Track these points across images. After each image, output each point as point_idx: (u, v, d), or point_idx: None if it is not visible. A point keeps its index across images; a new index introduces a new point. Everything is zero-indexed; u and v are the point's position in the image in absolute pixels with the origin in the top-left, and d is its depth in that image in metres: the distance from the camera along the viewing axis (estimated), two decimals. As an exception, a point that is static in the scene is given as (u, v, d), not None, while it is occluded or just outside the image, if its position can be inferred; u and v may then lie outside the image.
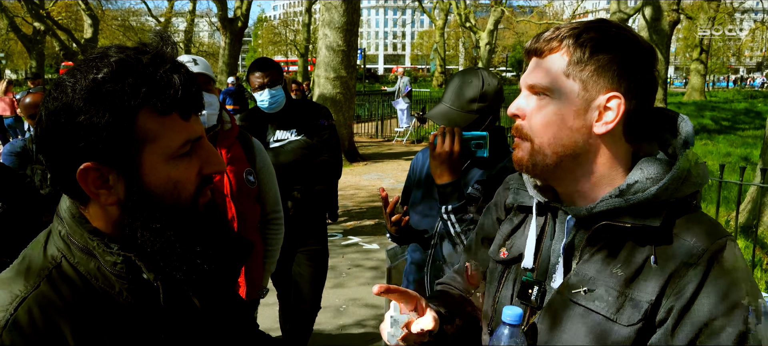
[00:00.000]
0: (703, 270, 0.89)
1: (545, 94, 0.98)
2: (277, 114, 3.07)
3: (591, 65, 0.95)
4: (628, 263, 0.94)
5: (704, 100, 29.02)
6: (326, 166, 3.10)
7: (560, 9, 47.64)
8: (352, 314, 4.45)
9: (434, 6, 39.23)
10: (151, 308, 0.89)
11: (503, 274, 1.15)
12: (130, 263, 0.88)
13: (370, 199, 8.46)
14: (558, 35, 0.98)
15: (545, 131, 0.99)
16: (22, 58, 42.87)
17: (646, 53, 0.97)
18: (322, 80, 10.63)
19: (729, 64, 57.87)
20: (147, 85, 0.82)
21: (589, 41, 0.95)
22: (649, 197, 0.93)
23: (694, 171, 0.97)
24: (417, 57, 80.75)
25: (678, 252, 0.91)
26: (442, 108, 1.90)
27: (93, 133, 0.80)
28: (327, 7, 10.47)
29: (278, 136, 3.12)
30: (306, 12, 31.93)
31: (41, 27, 25.34)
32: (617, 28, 0.97)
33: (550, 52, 0.98)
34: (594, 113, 0.96)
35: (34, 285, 0.84)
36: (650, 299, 0.91)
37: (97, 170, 0.83)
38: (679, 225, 0.94)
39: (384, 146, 14.31)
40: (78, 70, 0.83)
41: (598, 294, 0.95)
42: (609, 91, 0.95)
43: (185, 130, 0.87)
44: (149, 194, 0.85)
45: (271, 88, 2.97)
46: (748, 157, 11.73)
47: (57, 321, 0.81)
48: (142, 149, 0.83)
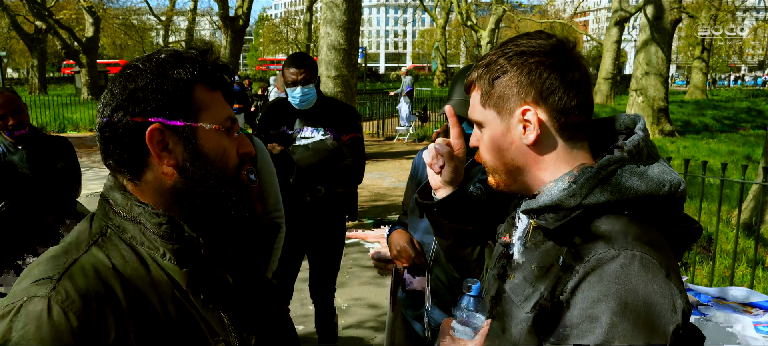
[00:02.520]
0: (583, 274, 0.92)
1: (479, 125, 1.11)
2: (307, 110, 3.09)
3: (496, 91, 1.06)
4: (544, 259, 1.03)
5: (706, 98, 29.00)
6: (349, 170, 3.15)
7: (561, 7, 47.61)
8: (353, 314, 4.45)
9: (436, 5, 39.20)
10: (193, 268, 0.97)
11: (500, 256, 1.26)
12: (173, 223, 0.97)
13: (371, 198, 8.46)
14: (472, 72, 1.11)
15: (490, 157, 1.11)
16: (24, 57, 42.94)
17: (547, 55, 1.02)
18: (323, 79, 10.63)
19: (731, 62, 57.78)
20: (200, 65, 0.99)
21: (490, 72, 1.06)
22: (549, 203, 1.00)
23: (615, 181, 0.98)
24: (418, 56, 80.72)
25: (573, 255, 0.96)
26: (457, 100, 1.91)
27: (162, 96, 0.95)
28: (328, 5, 10.46)
29: (305, 133, 3.15)
30: (307, 10, 31.95)
31: (43, 26, 25.36)
32: (515, 45, 1.05)
33: (473, 89, 1.12)
34: (518, 129, 1.05)
35: (84, 249, 0.93)
36: (543, 293, 0.98)
37: (161, 133, 0.95)
38: (588, 231, 0.98)
39: (385, 145, 14.31)
40: (144, 58, 0.99)
41: (517, 282, 1.06)
42: (520, 105, 1.03)
43: (227, 108, 1.03)
44: (204, 155, 0.98)
45: (304, 85, 3.00)
46: (750, 156, 11.72)
47: (107, 278, 0.90)
48: (198, 115, 0.98)
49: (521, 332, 1.00)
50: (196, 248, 0.98)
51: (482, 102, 1.08)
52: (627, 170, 0.99)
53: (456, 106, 1.90)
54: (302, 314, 4.23)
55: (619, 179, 0.98)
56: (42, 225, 2.82)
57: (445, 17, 38.78)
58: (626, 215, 0.98)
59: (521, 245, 1.13)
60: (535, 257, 1.05)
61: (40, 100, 18.83)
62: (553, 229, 0.99)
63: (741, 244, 5.68)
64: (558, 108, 1.02)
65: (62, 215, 2.90)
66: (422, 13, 71.47)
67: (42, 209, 2.86)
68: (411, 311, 2.11)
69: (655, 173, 1.00)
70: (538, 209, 1.02)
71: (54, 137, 3.10)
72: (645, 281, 0.89)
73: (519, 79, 1.03)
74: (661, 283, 0.89)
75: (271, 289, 1.20)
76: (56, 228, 2.83)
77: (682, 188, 1.01)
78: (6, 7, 25.49)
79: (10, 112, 2.80)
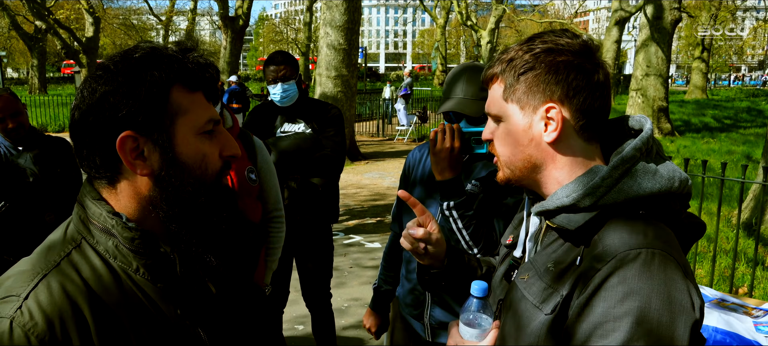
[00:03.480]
0: (606, 274, 0.91)
1: (497, 119, 1.11)
2: (288, 107, 3.11)
3: (521, 86, 1.05)
4: (561, 260, 1.02)
5: (706, 98, 28.99)
6: (326, 159, 3.10)
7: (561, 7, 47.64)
8: (353, 313, 4.45)
9: (435, 5, 39.20)
10: (167, 284, 0.94)
11: (505, 257, 1.27)
12: (146, 238, 0.93)
13: (371, 197, 8.46)
14: (493, 65, 1.10)
15: (505, 151, 1.11)
16: (23, 57, 42.94)
17: (574, 55, 1.02)
18: (323, 79, 10.62)
19: (731, 62, 57.77)
20: (178, 64, 0.92)
21: (517, 65, 1.05)
22: (567, 203, 1.00)
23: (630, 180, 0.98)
24: (418, 56, 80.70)
25: (593, 254, 0.96)
26: (455, 99, 1.90)
27: (133, 103, 0.88)
28: (328, 5, 10.46)
29: (285, 128, 3.15)
30: (307, 10, 31.94)
31: (43, 25, 25.35)
32: (543, 41, 1.05)
33: (492, 82, 1.11)
34: (540, 126, 1.05)
35: (54, 263, 0.89)
36: (563, 294, 0.97)
37: (135, 140, 0.90)
38: (608, 230, 0.97)
39: (385, 145, 14.31)
40: (117, 56, 0.93)
41: (532, 282, 1.05)
42: (545, 102, 1.03)
43: (209, 109, 0.96)
44: (181, 163, 0.93)
45: (284, 82, 3.02)
46: (750, 155, 11.72)
47: (75, 297, 0.86)
48: (175, 120, 0.92)
49: (539, 333, 0.99)
50: (171, 263, 0.94)
51: (505, 96, 1.08)
52: (640, 169, 1.00)
53: (457, 105, 1.90)
54: (302, 314, 4.22)
55: (633, 177, 0.99)
56: (42, 225, 2.82)
57: (445, 17, 38.78)
58: (641, 213, 0.98)
59: (533, 246, 1.13)
60: (550, 257, 1.05)
61: (40, 100, 18.83)
62: (573, 230, 0.99)
63: (741, 244, 5.68)
64: (582, 108, 1.03)
65: (62, 215, 2.91)
66: (422, 13, 71.45)
67: (42, 209, 2.86)
68: (410, 310, 2.11)
69: (666, 171, 1.01)
70: (554, 209, 1.02)
71: (53, 138, 3.10)
72: (665, 279, 0.89)
73: (546, 76, 1.03)
74: (679, 280, 0.90)
75: (259, 296, 1.16)
76: (55, 228, 2.83)
77: (689, 184, 1.02)
78: (6, 7, 25.48)
79: (8, 115, 2.80)
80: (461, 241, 1.84)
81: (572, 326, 0.94)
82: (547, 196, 1.10)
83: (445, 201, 1.82)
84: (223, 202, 0.99)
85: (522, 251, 1.18)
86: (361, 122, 16.63)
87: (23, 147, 2.89)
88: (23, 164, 2.83)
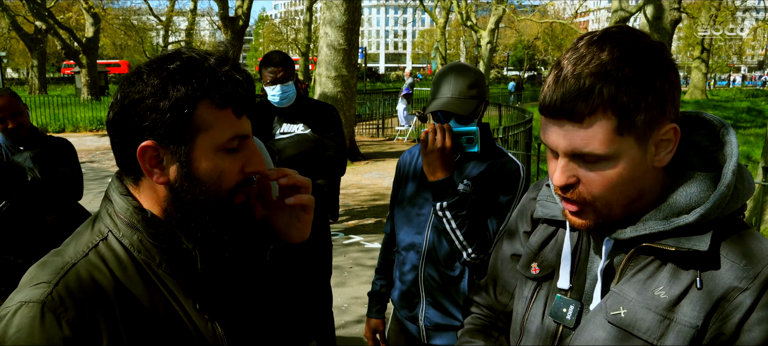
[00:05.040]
0: (756, 294, 0.82)
1: (602, 159, 0.88)
2: (286, 109, 3.10)
3: (641, 114, 0.84)
4: (672, 285, 0.88)
5: (706, 98, 28.99)
6: (330, 160, 3.11)
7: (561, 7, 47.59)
8: (353, 313, 4.46)
9: (435, 5, 39.20)
10: (187, 279, 0.97)
11: (534, 291, 1.10)
12: (170, 234, 0.96)
13: (371, 198, 8.46)
14: (592, 93, 0.84)
15: (612, 193, 0.90)
16: (23, 57, 42.93)
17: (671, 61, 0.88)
18: (323, 79, 10.63)
19: (730, 62, 57.79)
20: (210, 79, 0.92)
21: (630, 87, 0.83)
22: (693, 220, 0.87)
23: (740, 184, 0.90)
24: (418, 56, 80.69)
25: (726, 275, 0.85)
26: (444, 99, 1.90)
27: (157, 115, 0.90)
28: (328, 5, 10.46)
29: (285, 129, 3.14)
30: (307, 10, 31.92)
31: (43, 26, 25.35)
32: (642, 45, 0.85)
33: (591, 116, 0.85)
34: (652, 150, 0.89)
35: (82, 254, 0.93)
36: (696, 325, 0.85)
37: (154, 150, 0.92)
38: (727, 245, 0.87)
39: (385, 145, 14.31)
40: (155, 62, 0.94)
41: (638, 317, 0.89)
42: (663, 124, 0.87)
43: (235, 126, 0.95)
44: (196, 178, 0.94)
45: (282, 83, 3.00)
46: (750, 156, 11.72)
47: (103, 286, 0.90)
48: (196, 136, 0.92)
49: None
50: (192, 260, 0.97)
51: (619, 130, 0.85)
52: (746, 173, 0.91)
53: (446, 105, 1.88)
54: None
55: (742, 182, 0.90)
56: (43, 225, 2.82)
57: (445, 17, 38.76)
58: (742, 218, 0.90)
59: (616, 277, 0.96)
60: (652, 284, 0.90)
61: (40, 101, 18.84)
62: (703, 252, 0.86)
63: (740, 244, 5.68)
64: None
65: (63, 215, 2.91)
66: (422, 13, 71.45)
67: (43, 209, 2.86)
68: (405, 312, 2.11)
69: (748, 175, 0.92)
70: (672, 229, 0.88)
71: (54, 138, 3.11)
72: None
73: (663, 94, 0.85)
74: None
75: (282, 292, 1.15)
76: (56, 228, 2.83)
77: None
78: (6, 7, 25.48)
79: (9, 115, 2.80)
80: (455, 241, 1.84)
81: None
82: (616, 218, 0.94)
83: (438, 201, 1.82)
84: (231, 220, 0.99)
85: (570, 281, 1.03)
86: (361, 122, 16.63)
87: (24, 147, 2.90)
88: (24, 164, 2.84)
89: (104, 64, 35.87)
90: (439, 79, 1.95)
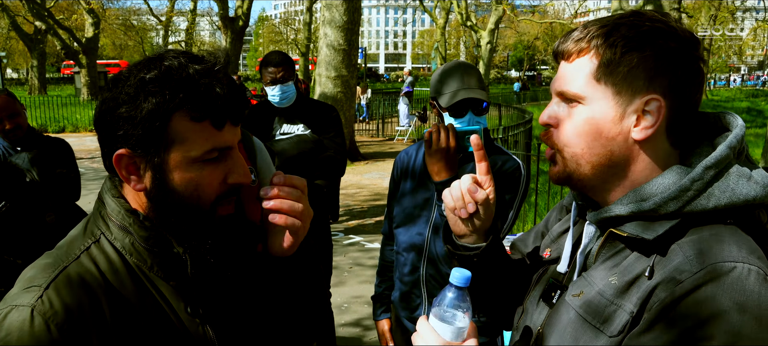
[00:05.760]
0: (690, 287, 0.78)
1: (576, 101, 0.91)
2: (286, 109, 3.10)
3: (624, 66, 0.87)
4: (626, 272, 0.88)
5: (705, 98, 29.00)
6: (330, 161, 3.11)
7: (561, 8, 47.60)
8: (353, 312, 4.46)
9: (435, 5, 39.19)
10: (179, 282, 0.97)
11: (541, 274, 1.12)
12: (161, 238, 0.96)
13: (371, 198, 8.46)
14: (586, 35, 0.90)
15: (578, 142, 0.92)
16: (23, 57, 42.91)
17: (685, 45, 0.87)
18: (323, 79, 10.63)
19: (730, 62, 57.79)
20: (186, 91, 0.89)
21: (620, 40, 0.87)
22: (647, 208, 0.87)
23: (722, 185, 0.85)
24: (418, 56, 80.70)
25: (669, 268, 0.83)
26: (470, 89, 1.93)
27: (130, 125, 0.89)
28: (328, 6, 10.46)
29: (285, 130, 3.14)
30: (307, 11, 31.91)
31: (42, 26, 25.34)
32: (651, 20, 0.88)
33: (579, 55, 0.91)
34: (631, 119, 0.88)
35: (74, 256, 0.93)
36: (632, 311, 0.84)
37: (130, 158, 0.92)
38: (688, 238, 0.84)
39: (385, 145, 14.31)
40: (135, 67, 0.92)
41: (593, 301, 0.90)
42: (646, 93, 0.87)
43: (214, 138, 0.92)
44: (171, 190, 0.92)
45: (283, 83, 3.01)
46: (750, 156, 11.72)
47: (94, 289, 0.90)
48: (170, 148, 0.90)
49: None
50: (183, 264, 0.97)
51: (597, 74, 0.89)
52: (734, 172, 0.86)
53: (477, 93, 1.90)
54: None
55: (727, 181, 0.85)
56: (42, 225, 2.82)
57: (445, 17, 38.74)
58: (730, 223, 0.85)
59: (583, 259, 0.99)
60: (612, 270, 0.90)
61: (40, 101, 18.83)
62: (651, 240, 0.85)
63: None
64: (682, 107, 0.89)
65: (62, 215, 2.91)
66: (422, 13, 71.45)
67: (42, 210, 2.86)
68: (406, 312, 2.11)
69: (761, 176, 0.87)
70: (628, 215, 0.89)
71: (52, 139, 3.10)
72: (762, 301, 0.76)
73: (656, 61, 0.86)
74: None
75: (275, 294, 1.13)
76: (56, 229, 2.83)
77: None
78: (6, 7, 25.47)
79: (6, 115, 2.80)
80: None
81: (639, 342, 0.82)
82: (607, 201, 0.95)
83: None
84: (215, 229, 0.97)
85: (568, 266, 1.03)
86: (361, 122, 16.62)
87: (21, 148, 2.89)
88: (22, 165, 2.83)
89: (104, 64, 35.84)
90: (449, 74, 1.97)
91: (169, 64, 0.90)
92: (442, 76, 1.98)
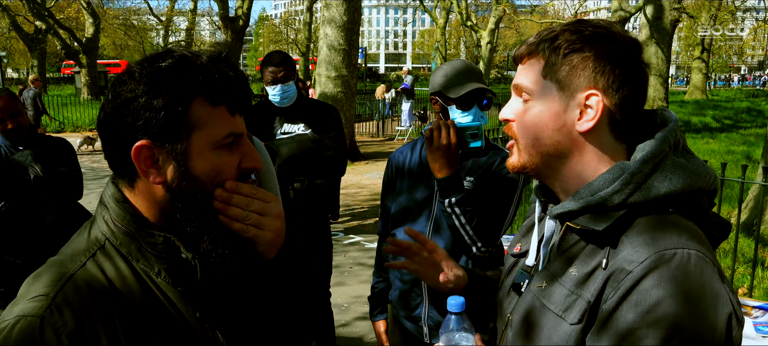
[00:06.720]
0: (638, 276, 0.85)
1: (527, 95, 1.02)
2: (287, 108, 3.10)
3: (566, 65, 0.97)
4: (584, 264, 0.95)
5: (706, 98, 29.00)
6: (331, 161, 3.12)
7: (561, 8, 47.60)
8: (353, 312, 4.46)
9: (435, 5, 39.19)
10: (187, 288, 0.95)
11: (511, 267, 1.19)
12: (169, 244, 0.94)
13: (371, 197, 8.46)
14: (536, 40, 1.02)
15: (528, 132, 1.02)
16: (24, 57, 42.93)
17: (625, 47, 0.97)
18: (323, 79, 10.63)
19: (731, 62, 57.83)
20: (203, 76, 0.91)
21: (563, 43, 0.98)
22: (595, 201, 0.94)
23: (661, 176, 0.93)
24: (418, 56, 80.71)
25: (620, 256, 0.90)
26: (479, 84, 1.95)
27: (151, 114, 0.89)
28: (328, 5, 10.46)
29: (285, 129, 3.15)
30: (307, 11, 31.93)
31: (43, 26, 25.34)
32: (594, 26, 0.98)
33: (529, 57, 1.02)
34: (575, 112, 0.98)
35: (80, 264, 0.91)
36: (589, 300, 0.91)
37: (149, 149, 0.91)
38: (633, 229, 0.91)
39: (386, 145, 14.31)
40: (146, 60, 0.93)
41: (554, 291, 0.98)
42: (587, 89, 0.96)
43: (230, 123, 0.95)
44: (194, 177, 0.92)
45: (284, 83, 3.01)
46: (750, 155, 11.72)
47: (102, 297, 0.88)
48: (192, 134, 0.91)
49: (565, 343, 0.93)
50: (192, 270, 0.96)
51: (544, 73, 0.99)
52: (670, 164, 0.94)
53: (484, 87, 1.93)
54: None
55: (664, 173, 0.93)
56: (42, 226, 2.82)
57: (445, 17, 38.75)
58: (672, 211, 0.93)
59: (547, 251, 1.06)
60: (572, 261, 0.98)
61: (40, 101, 18.80)
62: (601, 231, 0.92)
63: (741, 244, 5.68)
64: (622, 104, 0.97)
65: (62, 215, 2.91)
66: (422, 13, 71.50)
67: (42, 210, 2.86)
68: (404, 312, 2.11)
69: (696, 165, 0.96)
70: (579, 209, 0.96)
71: (53, 138, 3.10)
72: (703, 283, 0.83)
73: (595, 61, 0.96)
74: (718, 284, 0.84)
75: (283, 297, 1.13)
76: (56, 229, 2.83)
77: (716, 181, 0.98)
78: (6, 7, 25.48)
79: (8, 115, 2.80)
80: (465, 236, 1.84)
81: (600, 334, 0.88)
82: (559, 191, 1.04)
83: (447, 198, 1.82)
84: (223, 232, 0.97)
85: (535, 259, 1.10)
86: (361, 122, 16.63)
87: (23, 147, 2.89)
88: (25, 162, 2.83)
89: (104, 64, 35.82)
90: (457, 68, 1.98)
91: (182, 54, 0.92)
92: (449, 70, 2.00)
